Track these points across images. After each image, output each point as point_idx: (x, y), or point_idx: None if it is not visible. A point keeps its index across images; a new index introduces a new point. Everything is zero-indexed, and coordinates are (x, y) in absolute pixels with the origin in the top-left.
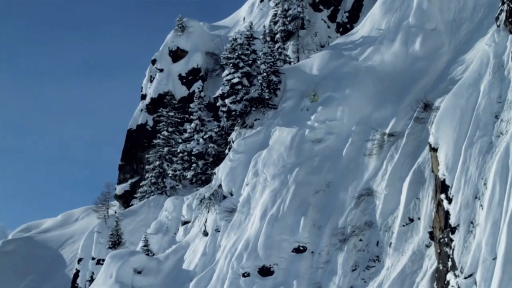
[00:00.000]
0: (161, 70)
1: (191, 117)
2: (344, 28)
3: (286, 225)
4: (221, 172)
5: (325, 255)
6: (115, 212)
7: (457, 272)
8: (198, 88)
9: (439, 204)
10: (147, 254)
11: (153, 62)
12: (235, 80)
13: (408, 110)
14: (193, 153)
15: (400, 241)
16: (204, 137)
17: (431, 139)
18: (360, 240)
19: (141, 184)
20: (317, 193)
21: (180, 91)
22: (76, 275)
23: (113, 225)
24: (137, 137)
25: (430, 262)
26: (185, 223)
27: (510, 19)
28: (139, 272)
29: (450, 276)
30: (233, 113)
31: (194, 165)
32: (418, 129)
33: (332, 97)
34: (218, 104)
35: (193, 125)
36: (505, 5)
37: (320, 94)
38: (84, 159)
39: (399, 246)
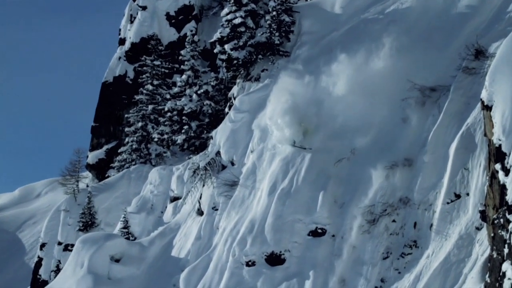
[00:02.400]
0: (143, 8)
1: (182, 67)
2: None
3: (300, 202)
4: (219, 136)
5: (349, 240)
6: (87, 186)
7: None
8: (191, 31)
9: (493, 176)
10: (127, 238)
11: None
12: (237, 21)
13: (455, 58)
14: (184, 112)
15: (444, 222)
16: (198, 92)
17: (483, 95)
18: (393, 221)
19: (119, 151)
20: (339, 162)
21: (168, 34)
22: (38, 264)
23: (84, 202)
24: (114, 92)
25: (481, 249)
26: (174, 199)
27: None
28: (117, 261)
29: (506, 266)
30: (235, 62)
31: (185, 127)
32: (467, 82)
33: (359, 41)
34: (215, 50)
35: (184, 77)
36: None
37: (342, 45)
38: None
39: (442, 228)
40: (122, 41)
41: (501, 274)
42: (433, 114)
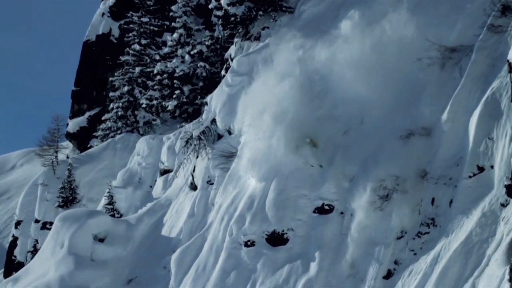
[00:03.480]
0: None
1: (173, 24)
2: None
3: (305, 176)
4: (215, 102)
5: (359, 218)
6: (67, 157)
7: None
8: None
9: None
10: (112, 215)
11: None
12: None
13: (479, 15)
14: (175, 75)
15: (465, 198)
16: (192, 52)
17: (511, 56)
18: (409, 197)
19: (103, 118)
20: (348, 131)
21: None
22: (13, 244)
23: (64, 175)
24: (97, 53)
25: (507, 228)
26: (165, 172)
27: None
28: (101, 240)
29: None
30: (232, 19)
31: (177, 92)
32: (492, 41)
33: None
34: (210, 6)
35: (175, 35)
36: None
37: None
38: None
39: (464, 205)
40: None
41: None
42: (454, 77)
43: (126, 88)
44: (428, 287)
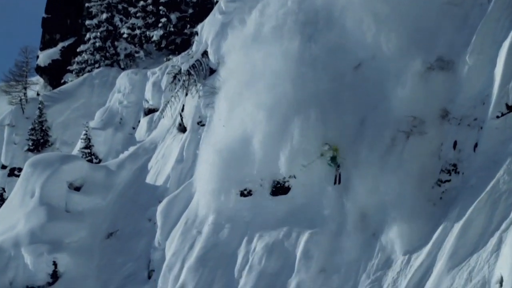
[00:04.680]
0: None
1: None
2: None
3: (309, 114)
4: (206, 32)
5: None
6: (38, 94)
7: None
8: None
9: None
10: (90, 161)
11: None
12: None
13: None
14: (161, 0)
15: (492, 141)
16: None
17: None
18: (428, 140)
19: (78, 50)
20: (358, 67)
21: None
22: None
23: (34, 115)
24: None
25: None
26: (149, 111)
27: None
28: (77, 189)
29: None
30: None
31: (163, 20)
32: None
33: None
34: None
35: None
36: None
37: None
38: None
39: (490, 149)
40: None
41: None
42: (480, 3)
43: (104, 16)
44: (448, 241)
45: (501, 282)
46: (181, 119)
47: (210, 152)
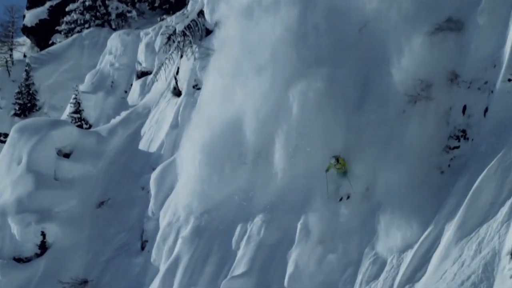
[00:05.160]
0: None
1: None
2: None
3: (311, 79)
4: None
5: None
6: (25, 56)
7: None
8: None
9: None
10: (80, 126)
11: None
12: None
13: None
14: None
15: (503, 105)
16: None
17: None
18: (436, 104)
19: (67, 9)
20: (362, 29)
21: None
22: None
23: (21, 78)
24: None
25: None
26: (142, 74)
27: None
28: (67, 156)
29: None
30: None
31: None
32: None
33: None
34: None
35: None
36: None
37: None
38: None
39: (501, 114)
40: None
41: None
42: None
43: None
44: (457, 211)
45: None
46: (176, 83)
47: (202, 128)
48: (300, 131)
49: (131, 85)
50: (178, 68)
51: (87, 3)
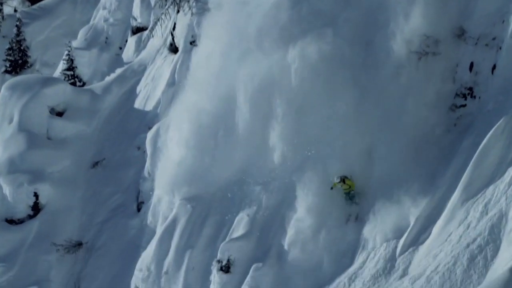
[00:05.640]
0: None
1: None
2: None
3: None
4: None
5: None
6: (15, 11)
7: None
8: None
9: None
10: (73, 84)
11: None
12: None
13: None
14: None
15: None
16: None
17: None
18: (441, 60)
19: None
20: None
21: None
22: None
23: (12, 34)
24: None
25: None
26: (138, 30)
27: None
28: (60, 114)
29: None
30: None
31: None
32: None
33: None
34: None
35: None
36: None
37: None
38: None
39: (509, 71)
40: None
41: None
42: None
43: None
44: (463, 171)
45: None
46: (172, 39)
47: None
48: (302, 93)
49: (126, 41)
50: (175, 24)
51: None
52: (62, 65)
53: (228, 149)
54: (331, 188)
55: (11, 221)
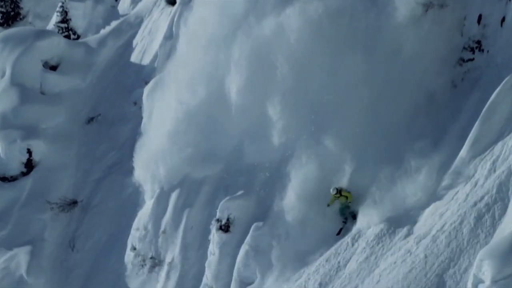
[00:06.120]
0: None
1: None
2: None
3: None
4: None
5: None
6: None
7: None
8: None
9: None
10: (67, 37)
11: None
12: None
13: None
14: None
15: None
16: None
17: None
18: (448, 12)
19: None
20: None
21: None
22: None
23: None
24: None
25: None
26: None
27: None
28: (54, 68)
29: None
30: None
31: None
32: None
33: None
34: None
35: None
36: None
37: None
38: None
39: None
40: None
41: None
42: None
43: None
44: (470, 127)
45: None
46: None
47: None
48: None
49: None
50: None
51: None
52: (55, 18)
53: (225, 112)
54: (328, 205)
55: (3, 179)
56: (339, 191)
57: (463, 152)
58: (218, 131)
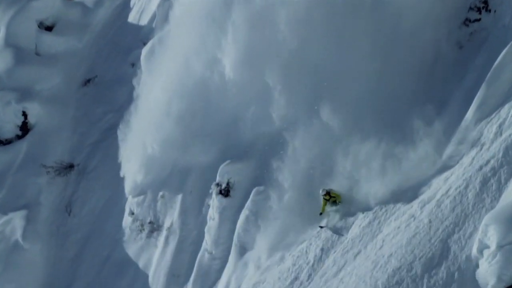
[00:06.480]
0: None
1: None
2: None
3: None
4: None
5: None
6: None
7: None
8: None
9: None
10: None
11: None
12: None
13: None
14: None
15: None
16: None
17: None
18: None
19: None
20: None
21: None
22: None
23: None
24: None
25: None
26: None
27: None
28: (49, 28)
29: None
30: None
31: None
32: None
33: None
34: None
35: None
36: None
37: None
38: None
39: None
40: None
41: None
42: None
43: None
44: (476, 90)
45: None
46: None
47: None
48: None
49: None
50: None
51: None
52: None
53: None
54: (320, 213)
55: None
56: (328, 193)
57: (468, 115)
58: (214, 106)
